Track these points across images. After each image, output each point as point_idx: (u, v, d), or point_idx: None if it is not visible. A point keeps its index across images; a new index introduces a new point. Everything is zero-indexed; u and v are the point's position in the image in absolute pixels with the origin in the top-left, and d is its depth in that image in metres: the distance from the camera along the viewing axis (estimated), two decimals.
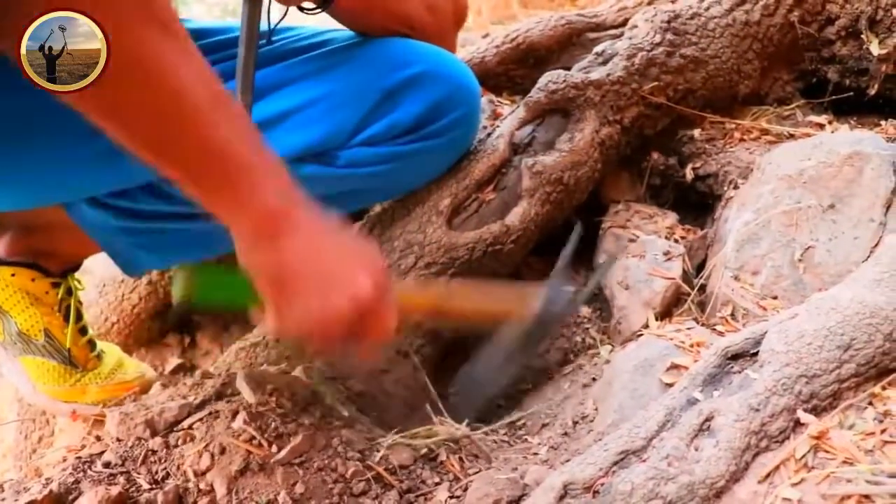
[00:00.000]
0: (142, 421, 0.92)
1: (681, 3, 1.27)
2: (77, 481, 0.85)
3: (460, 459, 0.88)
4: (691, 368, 0.79)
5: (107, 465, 0.88)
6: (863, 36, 1.27)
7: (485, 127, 1.23)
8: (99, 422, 1.04)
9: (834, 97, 1.32)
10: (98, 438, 0.97)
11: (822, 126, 1.26)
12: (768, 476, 0.64)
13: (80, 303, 1.12)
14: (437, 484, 0.85)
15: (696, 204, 1.27)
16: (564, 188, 1.13)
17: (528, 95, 1.19)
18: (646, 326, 1.02)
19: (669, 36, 1.21)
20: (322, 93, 1.00)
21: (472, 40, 1.74)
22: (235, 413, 0.91)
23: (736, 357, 0.76)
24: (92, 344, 1.13)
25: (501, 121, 1.21)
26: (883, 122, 1.28)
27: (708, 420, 0.69)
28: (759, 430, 0.66)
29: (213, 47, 1.01)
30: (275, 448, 0.86)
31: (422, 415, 0.97)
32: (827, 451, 0.64)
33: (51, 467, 1.01)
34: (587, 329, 1.13)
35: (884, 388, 0.69)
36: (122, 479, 0.85)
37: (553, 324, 0.93)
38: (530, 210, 1.11)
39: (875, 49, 1.26)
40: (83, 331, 1.11)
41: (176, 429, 0.92)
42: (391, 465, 0.86)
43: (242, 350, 1.14)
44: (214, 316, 1.52)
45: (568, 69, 1.20)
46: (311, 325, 0.72)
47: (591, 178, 1.18)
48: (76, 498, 0.83)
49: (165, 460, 0.87)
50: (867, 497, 0.58)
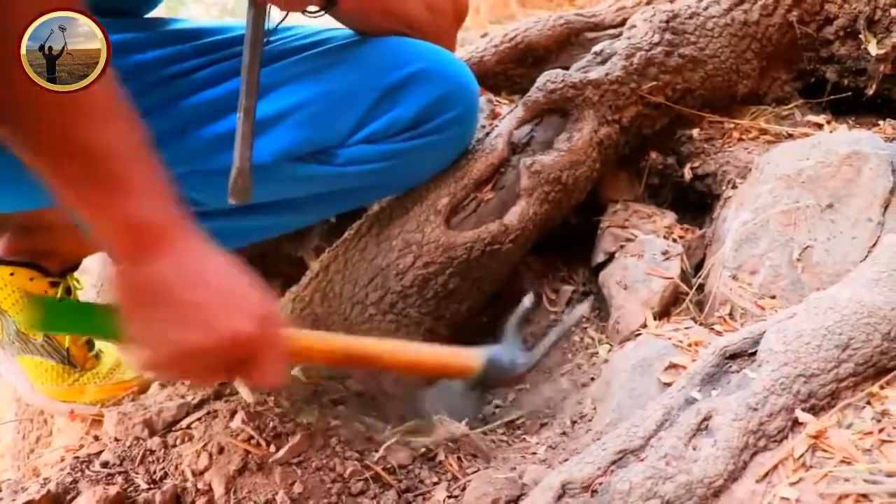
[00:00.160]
0: (140, 421, 0.92)
1: (679, 3, 1.27)
2: (75, 481, 0.85)
3: (459, 459, 0.88)
4: (689, 368, 0.79)
5: (105, 464, 0.88)
6: (861, 36, 1.27)
7: (483, 126, 1.23)
8: (97, 421, 1.04)
9: (832, 97, 1.32)
10: (96, 438, 0.97)
11: (820, 126, 1.27)
12: (766, 475, 0.64)
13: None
14: (436, 483, 0.85)
15: (695, 203, 1.27)
16: (563, 188, 1.13)
17: (527, 95, 1.19)
18: (644, 326, 1.02)
19: (668, 36, 1.21)
20: (321, 91, 1.00)
21: (470, 40, 1.74)
22: (234, 413, 0.91)
23: (734, 356, 0.77)
24: (90, 343, 1.13)
25: (500, 120, 1.21)
26: (881, 122, 1.28)
27: (706, 419, 0.69)
28: (757, 429, 0.66)
29: (211, 47, 1.02)
30: (273, 448, 0.86)
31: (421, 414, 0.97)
32: (825, 451, 0.64)
33: (49, 467, 1.01)
34: (585, 328, 1.13)
35: (882, 388, 0.69)
36: (120, 479, 0.85)
37: (496, 383, 0.94)
38: (529, 209, 1.11)
39: (873, 49, 1.26)
40: None
41: (174, 428, 0.92)
42: (389, 464, 0.86)
43: None
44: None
45: (566, 69, 1.20)
46: (167, 358, 0.66)
47: (590, 177, 1.18)
48: (74, 498, 0.83)
49: (163, 460, 0.87)
50: (865, 496, 0.58)
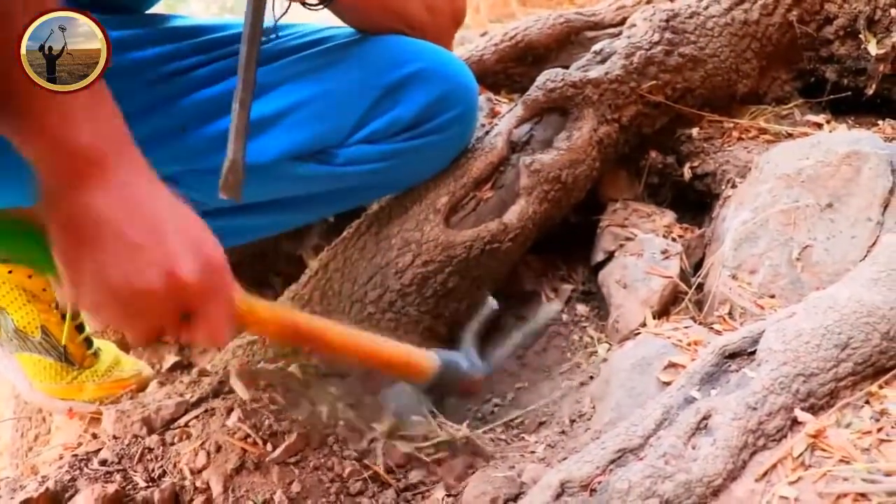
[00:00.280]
0: (138, 419, 0.91)
1: (679, 2, 1.27)
2: (73, 479, 0.85)
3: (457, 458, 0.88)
4: (689, 367, 0.79)
5: (103, 462, 0.88)
6: (861, 36, 1.27)
7: (483, 125, 1.23)
8: (95, 419, 1.04)
9: (832, 97, 1.32)
10: (94, 436, 0.96)
11: (820, 125, 1.27)
12: (765, 474, 0.64)
13: None
14: (435, 482, 0.85)
15: (694, 203, 1.27)
16: (562, 186, 1.13)
17: (527, 94, 1.18)
18: (643, 325, 1.02)
19: (668, 35, 1.21)
20: (320, 91, 1.00)
21: (470, 38, 1.74)
22: (230, 410, 0.90)
23: (733, 356, 0.76)
24: (88, 341, 1.13)
25: (500, 119, 1.21)
26: (881, 122, 1.28)
27: (705, 418, 0.69)
28: (756, 428, 0.66)
29: (210, 45, 1.01)
30: (269, 447, 0.86)
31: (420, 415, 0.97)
32: (824, 450, 0.64)
33: (47, 465, 1.01)
34: (585, 328, 1.13)
35: (881, 387, 0.69)
36: (118, 477, 0.85)
37: (450, 389, 0.92)
38: (528, 208, 1.11)
39: (873, 49, 1.26)
40: (80, 328, 1.11)
41: (172, 426, 0.91)
42: (388, 463, 0.86)
43: (239, 348, 1.13)
44: None
45: (566, 68, 1.20)
46: (107, 297, 0.59)
47: (590, 176, 1.18)
48: (72, 496, 0.83)
49: (162, 458, 0.87)
50: (863, 495, 0.58)
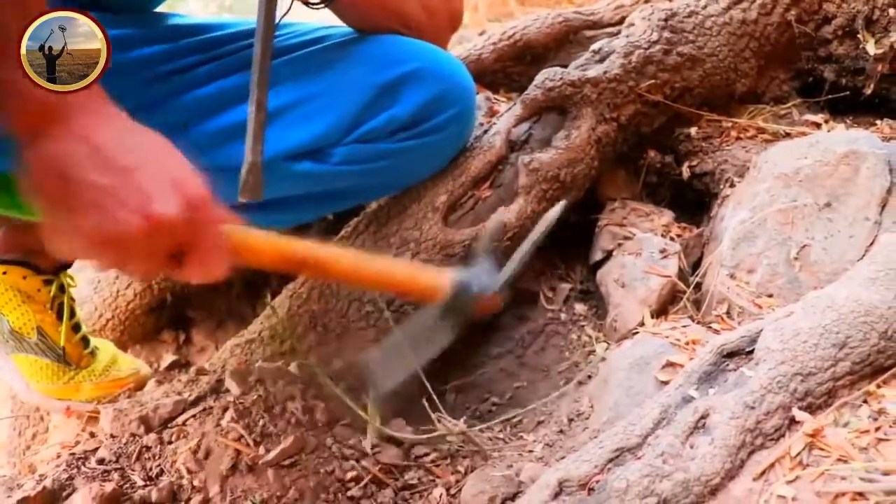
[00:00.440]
0: (136, 417, 0.91)
1: (678, 2, 1.27)
2: (71, 478, 0.85)
3: (455, 458, 0.88)
4: (687, 366, 0.79)
5: (101, 461, 0.88)
6: (859, 35, 1.27)
7: (481, 124, 1.23)
8: (93, 418, 1.04)
9: (830, 96, 1.32)
10: (92, 435, 0.96)
11: (818, 125, 1.27)
12: (763, 473, 0.64)
13: (72, 300, 1.11)
14: (433, 481, 0.85)
15: (693, 202, 1.27)
16: (561, 185, 1.13)
17: (525, 93, 1.18)
18: (641, 324, 1.02)
19: (666, 34, 1.21)
20: (317, 90, 1.00)
21: (468, 37, 1.74)
22: (225, 409, 0.90)
23: (731, 355, 0.77)
24: (85, 341, 1.12)
25: (498, 118, 1.21)
26: (879, 122, 1.28)
27: (703, 417, 0.69)
28: (754, 427, 0.66)
29: (209, 44, 1.01)
30: (263, 449, 0.86)
31: (418, 412, 0.97)
32: (822, 449, 0.64)
33: (45, 464, 1.00)
34: (583, 327, 1.13)
35: (878, 387, 0.69)
36: (116, 476, 0.85)
37: (471, 302, 0.85)
38: (526, 207, 1.11)
39: (871, 48, 1.26)
40: (76, 328, 1.11)
41: (170, 425, 0.91)
42: (386, 462, 0.86)
43: (238, 346, 1.13)
44: (210, 312, 1.52)
45: (565, 67, 1.20)
46: (87, 246, 0.59)
47: (588, 175, 1.18)
48: (70, 494, 0.83)
49: (160, 457, 0.87)
50: (861, 494, 0.58)
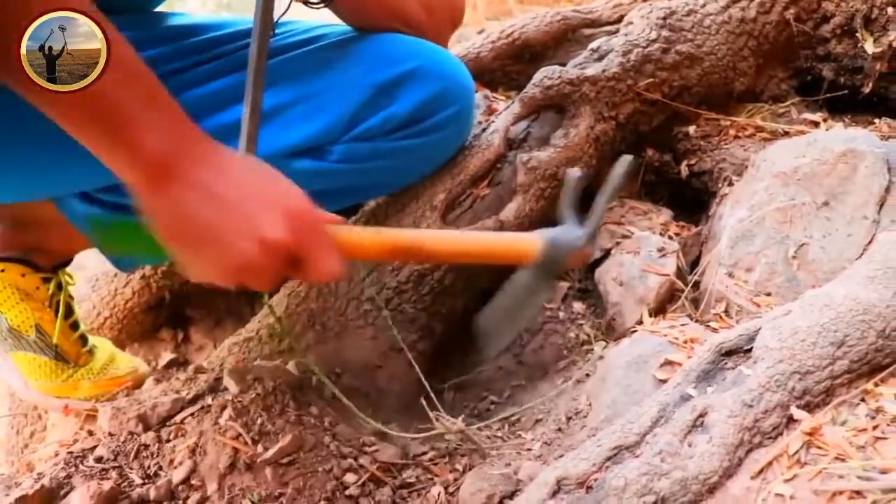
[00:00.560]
0: (134, 415, 0.91)
1: (676, 0, 1.27)
2: (69, 476, 0.85)
3: (453, 457, 0.88)
4: (685, 365, 0.79)
5: (99, 459, 0.88)
6: (858, 34, 1.27)
7: (480, 122, 1.23)
8: (91, 416, 1.04)
9: (829, 95, 1.32)
10: (90, 433, 0.96)
11: (816, 124, 1.27)
12: (761, 472, 0.64)
13: (71, 298, 1.11)
14: (431, 480, 0.85)
15: (691, 200, 1.28)
16: (559, 184, 1.13)
17: (524, 91, 1.18)
18: (640, 323, 1.02)
19: (665, 32, 1.20)
20: (316, 88, 1.00)
21: (467, 36, 1.74)
22: (223, 407, 0.90)
23: (729, 353, 0.77)
24: (84, 339, 1.12)
25: (496, 116, 1.21)
26: (877, 121, 1.28)
27: (701, 416, 0.69)
28: (752, 426, 0.66)
29: (207, 45, 1.01)
30: (266, 444, 0.86)
31: (416, 410, 0.97)
32: (819, 448, 0.64)
33: (42, 462, 1.00)
34: (581, 325, 1.13)
35: (876, 385, 0.69)
36: (114, 474, 0.85)
37: (562, 259, 0.86)
38: (525, 205, 1.10)
39: (870, 47, 1.26)
40: (74, 326, 1.11)
41: (168, 423, 0.91)
42: (384, 461, 0.86)
43: (236, 345, 1.13)
44: (208, 311, 1.52)
45: (563, 65, 1.20)
46: (219, 274, 0.67)
47: (586, 173, 1.18)
48: (68, 493, 0.83)
49: (158, 455, 0.87)
50: (859, 493, 0.58)
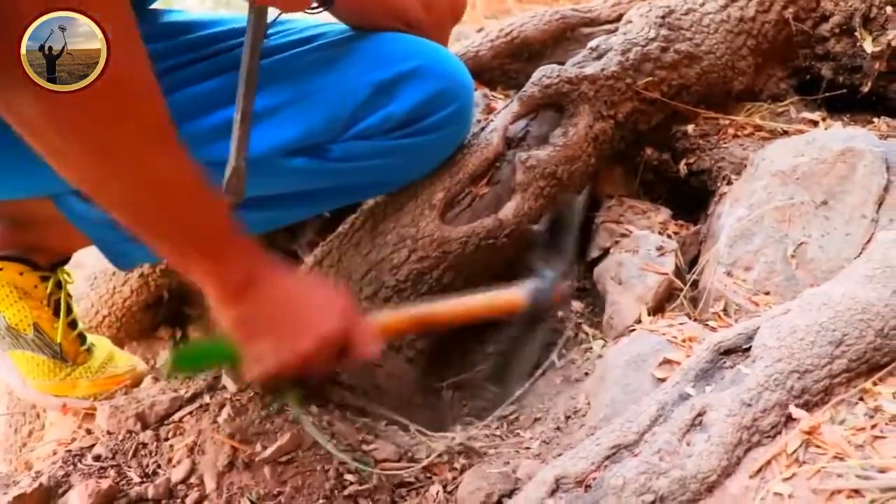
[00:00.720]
0: (132, 414, 0.91)
1: None
2: (67, 475, 0.85)
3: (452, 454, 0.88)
4: (683, 363, 0.79)
5: (97, 458, 0.88)
6: (856, 33, 1.27)
7: (479, 121, 1.23)
8: (89, 415, 1.04)
9: (827, 94, 1.32)
10: (88, 432, 0.96)
11: (815, 123, 1.27)
12: (760, 471, 0.64)
13: (69, 296, 1.11)
14: (430, 479, 0.84)
15: (690, 199, 1.28)
16: (558, 182, 1.13)
17: (522, 90, 1.18)
18: (638, 321, 1.02)
19: (664, 31, 1.20)
20: (315, 86, 1.00)
21: (466, 34, 1.74)
22: (222, 406, 0.90)
23: (728, 352, 0.77)
24: (82, 337, 1.12)
25: (495, 115, 1.21)
26: (876, 120, 1.28)
27: (700, 415, 0.69)
28: (750, 424, 0.66)
29: (204, 42, 1.01)
30: (265, 442, 0.85)
31: (415, 408, 0.97)
32: (818, 446, 0.64)
33: (41, 461, 1.00)
34: (580, 324, 1.13)
35: (875, 384, 0.69)
36: (112, 473, 0.85)
37: (547, 305, 0.97)
38: (524, 204, 1.10)
39: (868, 46, 1.26)
40: (73, 324, 1.11)
41: (167, 422, 0.91)
42: (382, 459, 0.86)
43: None
44: (206, 309, 1.52)
45: (562, 64, 1.20)
46: (283, 365, 0.82)
47: (585, 172, 1.18)
48: (66, 491, 0.82)
49: (156, 454, 0.87)
50: (857, 492, 0.58)
